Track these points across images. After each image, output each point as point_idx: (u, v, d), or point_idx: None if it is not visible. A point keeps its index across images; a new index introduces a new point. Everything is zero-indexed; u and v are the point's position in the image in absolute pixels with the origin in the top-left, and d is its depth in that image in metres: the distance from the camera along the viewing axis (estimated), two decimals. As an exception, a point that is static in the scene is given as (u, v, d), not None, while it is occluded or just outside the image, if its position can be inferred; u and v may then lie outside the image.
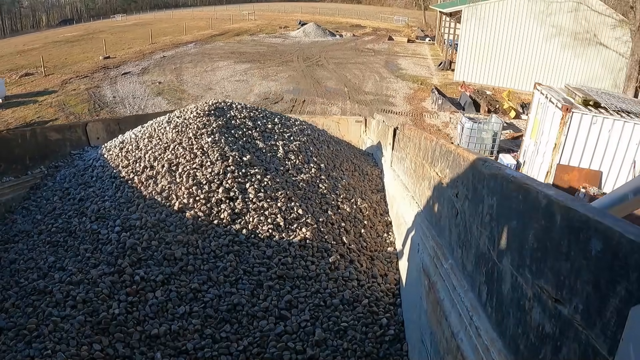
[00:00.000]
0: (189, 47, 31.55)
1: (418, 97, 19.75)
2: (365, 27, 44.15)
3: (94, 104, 19.70)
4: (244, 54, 28.70)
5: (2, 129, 16.72)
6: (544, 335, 1.19)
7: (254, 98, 19.12)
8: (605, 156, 10.66)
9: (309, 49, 30.96)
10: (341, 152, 5.53)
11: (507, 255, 1.48)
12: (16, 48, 34.56)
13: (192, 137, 4.43)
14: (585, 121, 10.40)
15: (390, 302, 3.19)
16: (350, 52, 30.26)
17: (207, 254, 3.30)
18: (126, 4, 70.94)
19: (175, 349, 2.61)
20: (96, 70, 24.95)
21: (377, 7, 70.17)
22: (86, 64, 26.67)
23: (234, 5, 68.46)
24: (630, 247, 0.87)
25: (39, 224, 3.82)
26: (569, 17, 20.06)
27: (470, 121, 14.45)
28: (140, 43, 32.86)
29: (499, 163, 1.77)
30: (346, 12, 57.15)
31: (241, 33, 38.25)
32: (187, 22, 41.98)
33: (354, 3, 76.69)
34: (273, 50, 30.35)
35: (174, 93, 20.80)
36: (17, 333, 2.56)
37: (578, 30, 20.11)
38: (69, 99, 20.50)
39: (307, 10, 57.13)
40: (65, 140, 5.58)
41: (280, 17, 50.40)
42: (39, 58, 26.08)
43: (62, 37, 39.52)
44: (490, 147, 14.14)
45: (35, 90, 21.94)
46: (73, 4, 72.26)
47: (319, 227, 3.73)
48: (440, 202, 2.54)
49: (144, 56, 28.53)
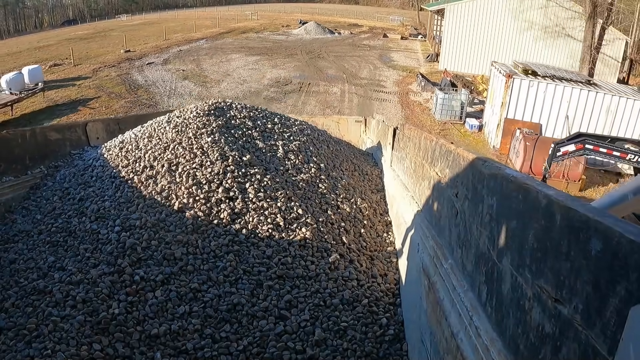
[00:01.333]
0: (201, 43, 33.91)
1: (405, 81, 22.75)
2: (362, 26, 46.64)
3: (129, 86, 21.77)
4: (252, 49, 31.30)
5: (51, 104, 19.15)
6: (543, 335, 1.19)
7: (267, 81, 21.91)
8: (543, 111, 13.88)
9: (311, 44, 33.40)
10: (341, 152, 5.53)
11: (507, 255, 1.48)
12: (31, 45, 35.23)
13: (192, 137, 4.43)
14: (524, 85, 13.83)
15: (390, 302, 3.19)
16: (347, 47, 32.79)
17: (207, 253, 3.30)
18: (127, 5, 71.27)
19: (175, 349, 2.61)
20: (121, 61, 27.19)
21: (374, 7, 73.31)
22: (109, 57, 28.82)
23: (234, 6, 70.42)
24: (630, 247, 0.87)
25: (39, 224, 3.82)
26: (539, 13, 22.60)
27: (443, 92, 17.67)
28: (155, 39, 35.04)
29: (499, 163, 1.77)
30: (344, 12, 59.89)
31: (247, 31, 40.84)
32: (192, 21, 43.85)
33: (352, 4, 79.69)
34: (278, 45, 33.01)
35: (198, 78, 23.21)
36: (17, 333, 2.56)
37: (548, 24, 22.62)
38: (104, 82, 22.59)
39: (307, 10, 59.72)
40: (65, 140, 5.58)
41: (281, 17, 52.82)
42: (59, 52, 27.95)
43: (74, 35, 40.54)
44: (459, 114, 17.34)
45: (69, 77, 23.95)
46: (75, 4, 72.57)
47: (318, 227, 3.73)
48: (440, 202, 2.54)
49: (161, 50, 30.84)
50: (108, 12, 69.71)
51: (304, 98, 20.02)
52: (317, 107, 18.82)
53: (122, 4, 72.71)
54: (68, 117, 17.54)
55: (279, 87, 21.13)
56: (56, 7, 71.51)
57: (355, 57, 28.84)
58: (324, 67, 25.59)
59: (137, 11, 64.27)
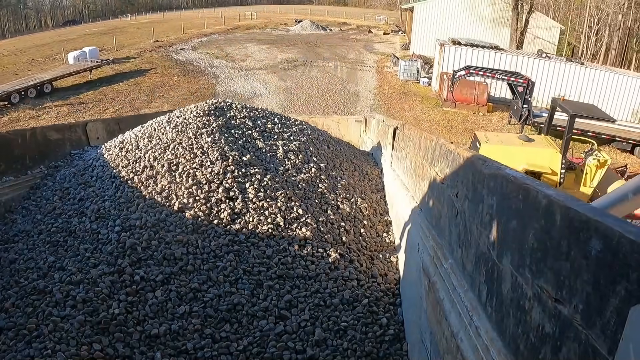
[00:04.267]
0: (215, 36, 38.99)
1: (382, 61, 29.97)
2: (351, 24, 53.16)
3: (174, 62, 27.31)
4: (261, 40, 37.25)
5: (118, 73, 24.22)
6: (544, 335, 1.20)
7: (279, 60, 28.83)
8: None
9: (307, 38, 39.82)
10: (341, 152, 5.53)
11: (507, 255, 1.48)
12: (52, 39, 38.43)
13: (192, 137, 4.42)
14: (452, 50, 20.70)
15: (390, 301, 3.19)
16: (338, 40, 39.84)
17: (207, 253, 3.30)
18: (123, 6, 71.92)
19: (175, 349, 2.61)
20: (155, 48, 31.76)
21: (362, 8, 79.09)
22: (142, 45, 33.25)
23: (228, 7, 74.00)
24: (630, 247, 0.87)
25: (39, 224, 3.82)
26: (489, 8, 29.13)
27: (404, 61, 25.43)
28: (173, 33, 39.19)
29: (499, 163, 1.78)
30: (334, 13, 66.49)
31: (250, 28, 46.20)
32: (197, 20, 48.12)
33: (341, 5, 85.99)
34: (281, 38, 39.25)
35: (226, 57, 29.29)
36: (17, 333, 2.56)
37: (495, 17, 29.06)
38: (152, 60, 27.63)
39: (299, 11, 65.26)
40: (65, 140, 5.58)
41: (278, 17, 58.05)
42: (87, 43, 31.31)
43: (92, 31, 43.71)
44: (416, 76, 24.36)
45: (118, 57, 27.74)
46: (74, 5, 73.00)
47: (318, 226, 3.73)
48: (440, 202, 2.54)
49: (185, 41, 35.44)
50: (105, 13, 70.31)
51: (308, 69, 26.62)
52: (318, 73, 25.66)
53: (119, 5, 73.40)
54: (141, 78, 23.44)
55: (289, 63, 28.09)
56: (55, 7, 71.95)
57: (344, 46, 35.73)
58: (321, 52, 32.65)
59: (133, 12, 65.19)
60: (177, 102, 18.76)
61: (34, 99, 19.02)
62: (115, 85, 22.09)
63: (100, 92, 21.04)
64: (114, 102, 19.82)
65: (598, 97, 18.31)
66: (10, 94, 18.21)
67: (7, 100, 18.07)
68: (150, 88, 21.89)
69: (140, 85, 22.42)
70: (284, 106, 18.92)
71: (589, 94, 18.58)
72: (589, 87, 18.75)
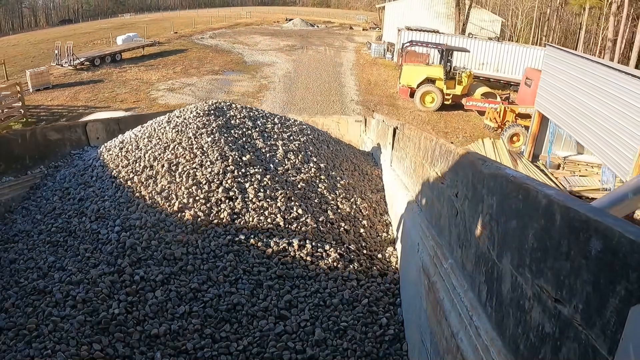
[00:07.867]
0: (222, 30, 45.25)
1: (360, 47, 38.88)
2: (334, 22, 62.88)
3: (203, 46, 34.37)
4: (263, 33, 44.68)
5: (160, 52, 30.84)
6: (544, 335, 1.20)
7: (282, 45, 37.12)
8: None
9: (299, 32, 48.50)
10: (341, 152, 5.53)
11: (506, 255, 1.48)
12: (66, 33, 41.47)
13: (192, 137, 4.43)
14: (406, 34, 27.02)
15: (389, 301, 3.19)
16: (325, 34, 49.21)
17: (207, 253, 3.30)
18: (115, 7, 72.67)
19: (175, 349, 2.61)
20: (177, 38, 37.84)
21: (345, 10, 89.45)
22: (165, 35, 38.93)
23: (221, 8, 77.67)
24: (630, 247, 0.87)
25: (39, 224, 3.82)
26: (443, 6, 35.53)
27: (374, 44, 35.45)
28: (184, 27, 44.22)
29: (499, 163, 1.78)
30: (319, 13, 75.77)
31: (249, 24, 52.92)
32: (196, 19, 51.88)
33: (324, 7, 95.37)
34: (278, 32, 47.27)
35: (241, 44, 36.48)
36: (17, 333, 2.56)
37: (448, 14, 34.99)
38: (183, 44, 34.56)
39: (287, 12, 72.77)
40: (65, 140, 5.58)
41: (269, 16, 65.20)
42: (102, 37, 36.97)
43: (105, 26, 47.20)
44: (383, 54, 33.29)
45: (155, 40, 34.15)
46: (70, 5, 73.39)
47: (318, 226, 3.73)
48: (440, 201, 2.54)
49: (200, 33, 41.83)
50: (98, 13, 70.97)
51: (305, 51, 35.29)
52: (313, 53, 34.58)
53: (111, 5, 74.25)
54: (185, 54, 30.44)
55: (290, 48, 36.57)
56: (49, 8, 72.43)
57: (331, 38, 45.20)
58: (312, 41, 41.66)
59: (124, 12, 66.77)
60: (223, 65, 27.98)
61: (109, 64, 26.08)
62: (168, 57, 29.29)
63: (160, 62, 27.88)
64: (174, 65, 26.87)
65: (506, 62, 26.59)
66: (94, 58, 25.97)
67: (91, 62, 25.53)
68: (197, 59, 29.02)
69: (188, 57, 29.58)
70: (293, 68, 28.22)
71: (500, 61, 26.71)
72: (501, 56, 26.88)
